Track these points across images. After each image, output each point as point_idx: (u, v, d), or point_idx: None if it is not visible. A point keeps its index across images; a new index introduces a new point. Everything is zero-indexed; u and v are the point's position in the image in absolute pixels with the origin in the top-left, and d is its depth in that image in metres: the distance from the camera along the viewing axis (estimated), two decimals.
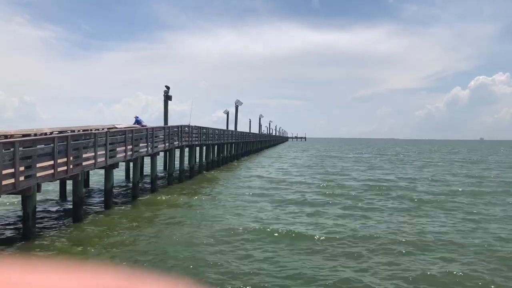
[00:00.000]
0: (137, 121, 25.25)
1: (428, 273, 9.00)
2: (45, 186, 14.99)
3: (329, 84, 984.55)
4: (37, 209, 12.59)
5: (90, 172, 21.20)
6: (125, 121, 24.84)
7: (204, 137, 31.95)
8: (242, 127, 60.61)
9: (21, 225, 12.18)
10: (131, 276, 0.56)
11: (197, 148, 31.33)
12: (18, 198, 14.18)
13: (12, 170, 10.19)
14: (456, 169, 38.70)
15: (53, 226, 13.44)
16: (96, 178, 23.49)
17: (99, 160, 15.47)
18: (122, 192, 21.11)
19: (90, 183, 22.28)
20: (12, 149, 10.20)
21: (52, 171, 12.25)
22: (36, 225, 12.12)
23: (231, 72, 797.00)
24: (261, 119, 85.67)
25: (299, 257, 10.13)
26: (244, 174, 31.25)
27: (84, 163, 14.44)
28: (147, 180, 24.10)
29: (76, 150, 13.85)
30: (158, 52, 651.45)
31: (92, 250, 10.75)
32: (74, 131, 19.65)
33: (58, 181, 17.56)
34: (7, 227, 13.32)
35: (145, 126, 23.58)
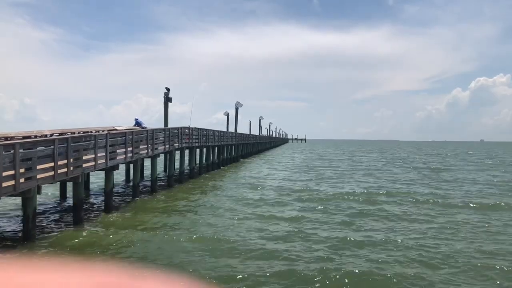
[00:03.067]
0: (137, 123, 25.27)
1: None
2: (45, 187, 15.00)
3: (329, 86, 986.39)
4: (37, 211, 12.60)
5: (90, 173, 21.18)
6: (125, 123, 24.88)
7: (204, 139, 31.96)
8: (242, 129, 60.76)
9: (21, 227, 12.18)
10: (132, 274, 0.57)
11: (197, 150, 31.34)
12: (19, 200, 14.18)
13: (12, 172, 10.20)
14: None
15: (54, 227, 13.45)
16: (97, 180, 23.49)
17: (99, 162, 15.48)
18: (122, 194, 21.10)
19: (90, 184, 22.28)
20: (12, 151, 10.22)
21: (52, 173, 12.25)
22: (37, 227, 12.11)
23: (231, 73, 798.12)
24: (261, 120, 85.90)
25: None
26: (244, 177, 31.24)
27: (84, 165, 14.44)
28: (147, 181, 24.10)
29: (76, 152, 13.86)
30: (159, 53, 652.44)
31: (93, 251, 10.75)
32: (74, 133, 19.70)
33: (58, 183, 17.57)
34: (8, 228, 13.32)
35: (145, 128, 23.62)
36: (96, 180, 23.53)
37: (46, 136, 17.24)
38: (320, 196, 20.73)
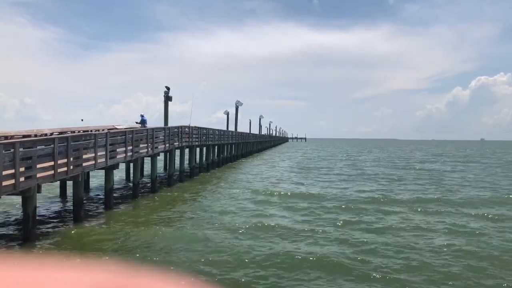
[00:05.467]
0: (143, 120, 25.35)
1: None
2: (45, 186, 15.00)
3: (329, 85, 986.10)
4: (37, 210, 12.60)
5: (90, 172, 21.21)
6: (126, 122, 24.90)
7: (204, 137, 31.96)
8: (242, 128, 60.69)
9: (21, 226, 12.18)
10: (132, 274, 0.57)
11: (197, 149, 31.34)
12: (19, 199, 14.18)
13: (12, 171, 10.20)
14: None
15: (54, 226, 13.45)
16: (96, 179, 23.49)
17: (99, 160, 15.47)
18: (122, 193, 21.10)
19: (90, 184, 22.28)
20: (12, 150, 10.22)
21: (52, 172, 12.26)
22: (37, 226, 12.12)
23: (231, 72, 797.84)
24: (261, 119, 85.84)
25: None
26: (243, 177, 31.26)
27: (84, 164, 14.44)
28: (147, 180, 24.10)
29: (76, 150, 13.86)
30: (159, 53, 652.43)
31: (92, 249, 10.75)
32: (74, 132, 19.71)
33: (58, 182, 17.58)
34: (8, 228, 13.32)
35: (145, 127, 23.64)
36: (96, 179, 23.53)
37: (46, 135, 17.26)
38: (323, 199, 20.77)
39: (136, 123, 25.48)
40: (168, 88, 30.20)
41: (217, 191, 22.21)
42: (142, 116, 25.99)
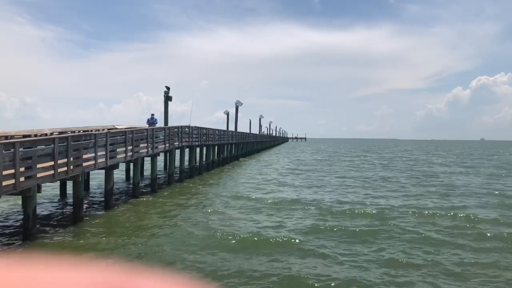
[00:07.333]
0: (153, 121, 25.41)
1: None
2: (45, 186, 15.01)
3: (329, 84, 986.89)
4: (37, 210, 12.60)
5: (90, 172, 21.19)
6: (126, 122, 24.95)
7: (204, 137, 31.96)
8: (243, 128, 60.71)
9: (21, 226, 12.18)
10: (131, 273, 0.57)
11: (197, 149, 31.34)
12: (19, 198, 14.19)
13: (12, 171, 10.21)
14: None
15: (54, 226, 13.45)
16: (97, 179, 23.48)
17: (99, 160, 15.48)
18: (123, 193, 21.10)
19: (90, 183, 22.27)
20: (12, 149, 10.22)
21: (52, 171, 12.26)
22: (37, 226, 12.12)
23: (231, 72, 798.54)
24: (261, 119, 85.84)
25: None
26: (243, 175, 31.26)
27: (84, 164, 14.44)
28: (148, 180, 24.10)
29: (77, 150, 13.86)
30: (159, 52, 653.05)
31: (92, 250, 10.76)
32: (74, 131, 19.71)
33: (58, 182, 17.58)
34: (8, 227, 13.32)
35: (145, 127, 23.67)
36: (96, 178, 23.52)
37: (46, 135, 17.27)
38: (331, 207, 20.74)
39: (151, 123, 25.58)
40: (168, 88, 30.20)
41: (217, 191, 22.19)
42: (152, 115, 26.01)
